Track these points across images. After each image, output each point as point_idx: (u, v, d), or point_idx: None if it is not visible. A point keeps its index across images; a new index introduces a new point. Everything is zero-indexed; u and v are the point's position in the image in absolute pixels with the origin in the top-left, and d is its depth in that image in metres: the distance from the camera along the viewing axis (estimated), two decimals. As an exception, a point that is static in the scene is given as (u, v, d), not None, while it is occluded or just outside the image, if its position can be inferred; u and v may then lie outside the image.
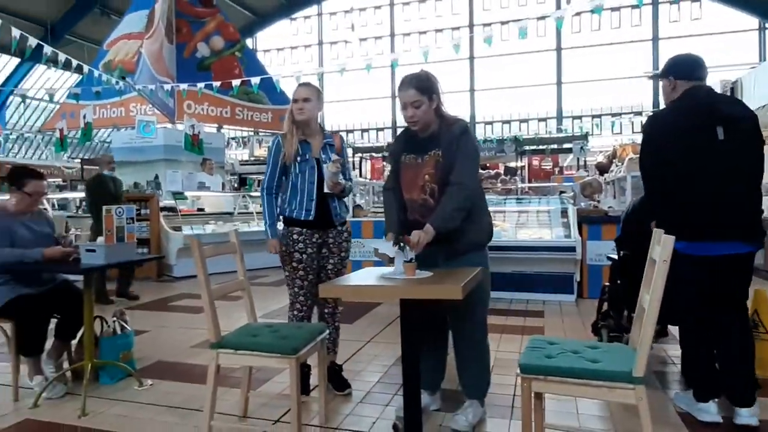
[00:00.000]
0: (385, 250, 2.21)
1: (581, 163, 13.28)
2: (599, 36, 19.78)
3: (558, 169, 14.39)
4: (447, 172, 2.38)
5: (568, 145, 14.18)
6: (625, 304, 3.45)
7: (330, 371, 2.88)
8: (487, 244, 2.56)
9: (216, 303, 2.35)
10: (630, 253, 3.38)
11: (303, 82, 3.01)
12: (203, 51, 11.28)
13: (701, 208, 2.45)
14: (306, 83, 2.94)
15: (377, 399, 2.85)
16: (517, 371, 1.94)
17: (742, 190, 2.47)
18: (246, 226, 8.15)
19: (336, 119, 23.28)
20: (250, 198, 8.99)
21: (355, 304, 5.08)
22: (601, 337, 3.53)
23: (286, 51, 26.00)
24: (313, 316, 3.00)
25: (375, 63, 8.44)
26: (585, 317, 4.58)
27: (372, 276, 2.31)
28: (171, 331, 4.43)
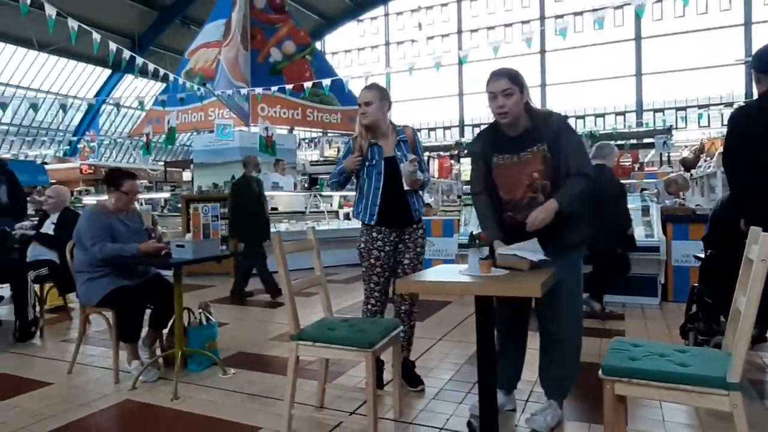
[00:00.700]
0: (526, 254, 2.12)
1: (664, 159, 12.52)
2: (683, 23, 18.55)
3: (638, 166, 13.64)
4: (555, 166, 2.32)
5: (649, 140, 13.41)
6: (716, 306, 3.24)
7: (403, 367, 2.91)
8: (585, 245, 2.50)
9: (294, 298, 2.44)
10: (719, 253, 3.17)
11: (367, 84, 3.03)
12: (276, 56, 11.70)
13: None
14: (368, 86, 2.94)
15: (450, 396, 2.85)
16: (599, 373, 1.88)
17: None
18: (317, 224, 8.38)
19: (403, 118, 23.37)
20: (320, 197, 9.24)
21: (426, 302, 5.10)
22: (689, 341, 3.33)
23: (353, 52, 26.45)
24: (388, 312, 3.03)
25: (442, 61, 8.40)
26: (670, 321, 4.33)
27: (446, 273, 2.32)
28: (249, 324, 4.65)
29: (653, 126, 15.94)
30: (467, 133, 22.68)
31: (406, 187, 2.82)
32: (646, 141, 13.68)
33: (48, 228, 4.45)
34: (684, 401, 1.86)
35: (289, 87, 9.87)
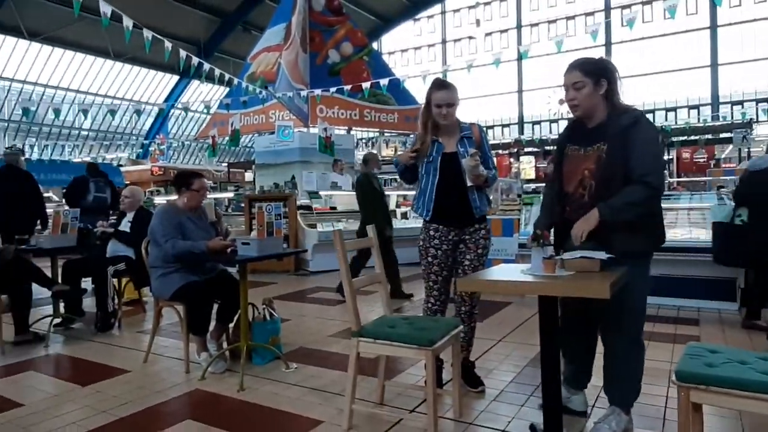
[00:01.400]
0: (594, 254, 2.02)
1: (743, 155, 11.69)
2: (764, 8, 17.26)
3: (714, 162, 12.83)
4: (609, 169, 2.21)
5: (726, 135, 12.56)
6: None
7: (462, 368, 2.88)
8: (653, 252, 2.37)
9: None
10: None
11: (438, 81, 2.86)
12: (334, 57, 11.91)
13: None
14: (444, 84, 2.82)
15: (512, 398, 2.79)
16: (673, 379, 1.79)
17: None
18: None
19: (460, 116, 23.17)
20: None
21: (486, 302, 5.02)
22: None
23: (409, 52, 26.46)
24: (449, 312, 3.00)
25: (501, 57, 8.24)
26: (752, 328, 4.05)
27: (508, 272, 2.28)
28: (309, 321, 4.76)
29: (731, 120, 14.91)
30: (527, 131, 22.15)
31: (469, 183, 2.76)
32: (723, 136, 12.82)
33: (125, 226, 4.75)
34: (769, 413, 1.73)
35: (347, 88, 10.01)
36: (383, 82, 9.54)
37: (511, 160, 17.12)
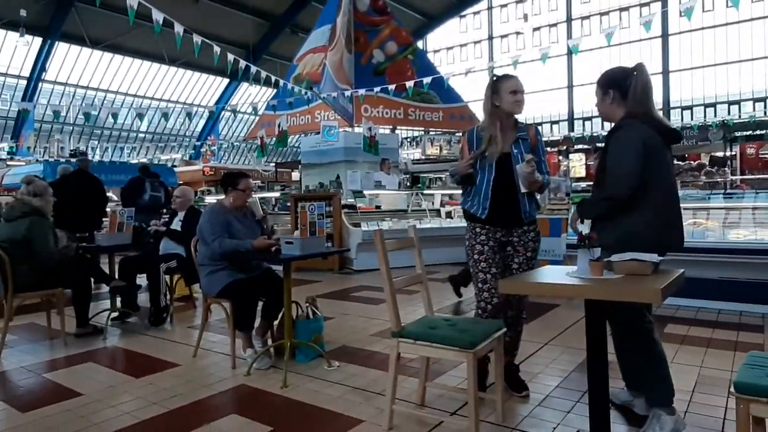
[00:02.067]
0: (644, 256, 1.97)
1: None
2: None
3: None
4: (598, 168, 2.46)
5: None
6: None
7: (507, 371, 2.82)
8: (637, 249, 2.21)
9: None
10: None
11: (505, 74, 2.81)
12: (378, 57, 11.93)
13: None
14: (508, 74, 2.81)
15: (558, 404, 2.71)
16: (731, 390, 1.68)
17: None
18: (419, 222, 8.42)
19: (506, 114, 22.77)
20: (422, 196, 9.26)
21: (532, 304, 4.90)
22: None
23: (455, 49, 26.17)
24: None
25: (551, 52, 8.02)
26: (821, 336, 3.78)
27: (554, 274, 2.21)
28: (353, 319, 4.79)
29: (801, 112, 13.95)
30: (577, 127, 21.49)
31: (523, 190, 2.67)
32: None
33: (176, 224, 4.93)
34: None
35: (392, 87, 10.01)
36: (426, 80, 9.47)
37: (560, 158, 16.64)
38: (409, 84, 9.79)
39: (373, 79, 11.19)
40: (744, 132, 12.77)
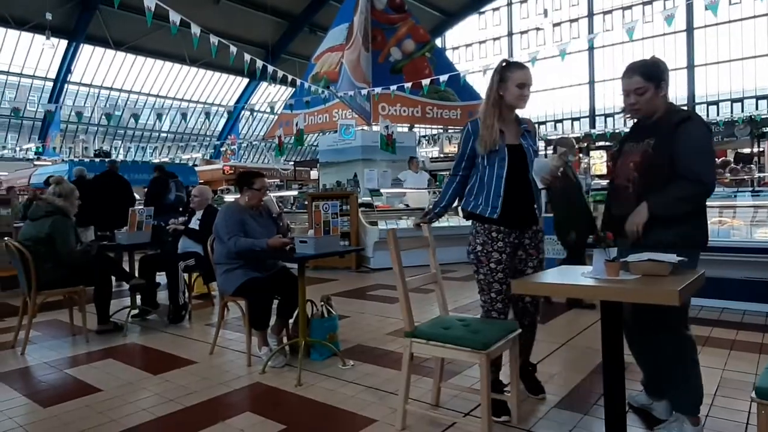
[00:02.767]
0: (662, 257, 1.90)
1: None
2: None
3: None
4: (652, 163, 2.22)
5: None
6: None
7: (523, 371, 2.77)
8: (699, 248, 2.25)
9: (410, 294, 2.45)
10: None
11: (514, 61, 2.63)
12: (396, 55, 11.91)
13: None
14: (521, 64, 2.60)
15: (574, 406, 2.66)
16: (752, 394, 1.63)
17: None
18: (436, 221, 8.36)
19: (525, 110, 22.61)
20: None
21: (550, 304, 4.85)
22: None
23: (474, 46, 25.99)
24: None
25: (571, 48, 7.90)
26: None
27: (569, 274, 2.17)
28: (368, 318, 4.79)
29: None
30: (598, 124, 21.14)
31: (540, 186, 2.54)
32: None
33: (194, 223, 4.99)
34: None
35: (407, 85, 9.99)
36: (443, 78, 9.42)
37: (581, 155, 16.39)
38: (425, 82, 9.75)
39: (391, 78, 11.17)
40: (773, 128, 12.42)
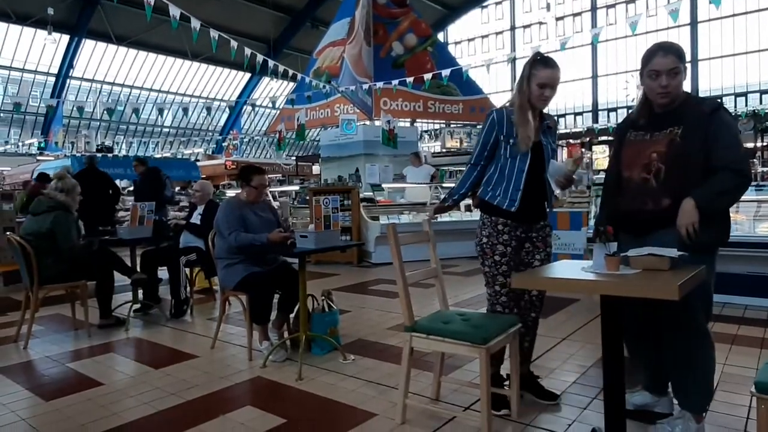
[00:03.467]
0: (662, 251, 1.89)
1: None
2: None
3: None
4: (682, 153, 2.11)
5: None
6: None
7: (530, 381, 2.68)
8: (720, 245, 2.21)
9: (410, 289, 2.45)
10: None
11: (543, 57, 2.52)
12: (397, 49, 11.88)
13: None
14: (549, 61, 2.50)
15: (574, 400, 2.67)
16: (752, 389, 1.62)
17: None
18: (438, 216, 8.35)
19: (528, 106, 22.50)
20: (441, 189, 9.20)
21: (551, 298, 4.82)
22: None
23: (476, 41, 25.89)
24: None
25: (574, 42, 7.86)
26: None
27: (570, 269, 2.16)
28: (369, 313, 4.79)
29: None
30: (601, 118, 21.05)
31: (556, 191, 2.54)
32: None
33: (196, 218, 5.00)
34: None
35: (410, 80, 9.96)
36: (445, 72, 9.39)
37: (583, 149, 16.36)
38: (427, 77, 9.72)
39: (393, 72, 11.15)
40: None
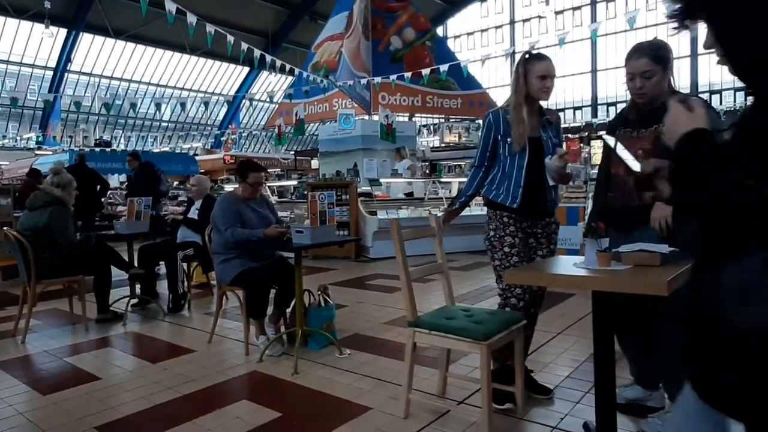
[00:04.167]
0: (654, 247, 1.89)
1: None
2: None
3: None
4: (667, 150, 2.11)
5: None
6: None
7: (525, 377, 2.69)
8: None
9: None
10: None
11: (533, 53, 2.56)
12: (396, 44, 11.84)
13: None
14: (541, 55, 2.55)
15: (567, 395, 2.69)
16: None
17: None
18: (436, 210, 8.37)
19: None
20: (439, 184, 9.21)
21: (546, 294, 4.85)
22: None
23: (476, 35, 25.81)
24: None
25: (573, 36, 7.85)
26: None
27: (563, 264, 2.17)
28: (366, 307, 4.81)
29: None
30: (600, 113, 21.04)
31: (551, 183, 2.55)
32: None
33: (193, 213, 5.01)
34: None
35: (408, 75, 9.94)
36: (443, 67, 9.37)
37: (581, 144, 16.35)
38: (425, 71, 9.70)
39: (391, 66, 11.12)
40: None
